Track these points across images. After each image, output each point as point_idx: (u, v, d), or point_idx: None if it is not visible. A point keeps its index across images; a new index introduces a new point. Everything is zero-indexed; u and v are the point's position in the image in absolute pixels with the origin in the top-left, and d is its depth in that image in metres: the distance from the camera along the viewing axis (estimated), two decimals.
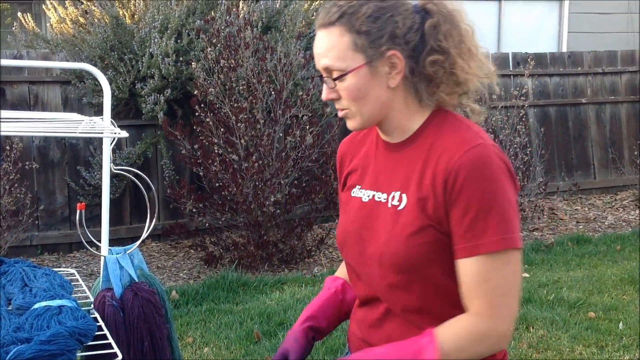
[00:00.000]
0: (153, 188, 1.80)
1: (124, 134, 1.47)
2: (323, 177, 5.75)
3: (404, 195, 1.49)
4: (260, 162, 5.36)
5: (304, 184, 5.75)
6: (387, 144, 1.57)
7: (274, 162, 5.45)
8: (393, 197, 1.51)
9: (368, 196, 1.57)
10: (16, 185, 5.15)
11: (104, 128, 1.49)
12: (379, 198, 1.55)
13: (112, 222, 1.63)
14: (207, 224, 5.74)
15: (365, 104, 1.49)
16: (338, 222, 1.69)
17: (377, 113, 1.51)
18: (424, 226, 1.45)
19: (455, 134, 1.47)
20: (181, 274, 5.46)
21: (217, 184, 5.48)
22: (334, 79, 1.48)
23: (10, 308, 1.61)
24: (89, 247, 1.73)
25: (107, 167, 1.62)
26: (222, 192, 5.46)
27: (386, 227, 1.51)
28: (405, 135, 1.53)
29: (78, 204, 1.64)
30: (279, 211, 5.49)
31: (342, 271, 1.80)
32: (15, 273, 1.78)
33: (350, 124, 1.54)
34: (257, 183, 5.37)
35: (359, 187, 1.62)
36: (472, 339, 1.44)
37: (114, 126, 1.56)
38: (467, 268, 1.43)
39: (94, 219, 5.59)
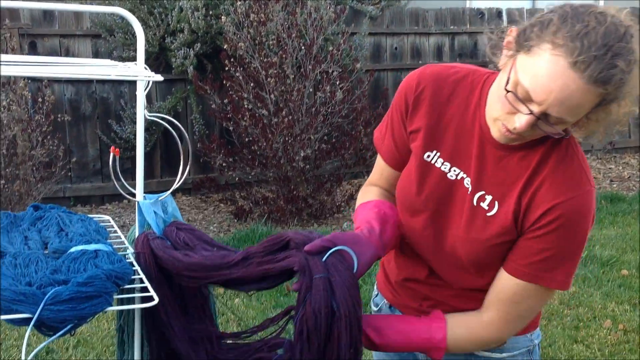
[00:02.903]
0: (186, 136, 1.78)
1: (158, 77, 1.46)
2: (353, 133, 5.71)
3: (496, 203, 1.44)
4: (290, 117, 5.34)
5: (333, 140, 5.72)
6: (491, 136, 1.44)
7: (303, 117, 5.42)
8: (483, 198, 1.45)
9: (455, 174, 1.49)
10: (49, 137, 5.19)
11: (138, 72, 1.48)
12: (467, 184, 1.47)
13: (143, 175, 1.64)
14: (236, 178, 5.75)
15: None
16: (401, 175, 1.58)
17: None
18: (510, 240, 1.44)
19: (568, 167, 1.39)
20: (211, 227, 5.50)
21: (246, 139, 5.48)
22: (565, 133, 1.32)
23: (46, 252, 1.63)
24: (124, 193, 1.73)
25: (141, 112, 1.60)
26: (252, 147, 5.46)
27: (468, 223, 1.47)
28: (516, 141, 1.41)
29: (112, 148, 1.63)
30: (308, 166, 5.48)
31: (370, 196, 1.65)
32: (51, 218, 1.79)
33: (504, 140, 1.39)
34: (286, 138, 5.35)
35: (438, 154, 1.50)
36: (475, 343, 1.50)
37: (148, 71, 1.54)
38: (510, 284, 1.44)
39: (125, 172, 5.62)
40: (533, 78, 1.26)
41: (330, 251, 1.34)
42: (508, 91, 1.30)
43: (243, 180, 5.76)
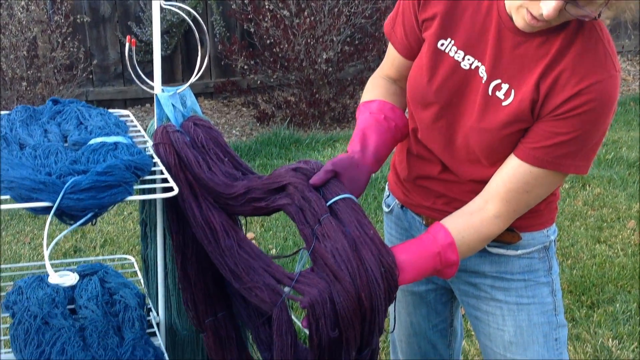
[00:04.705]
0: (204, 27, 1.74)
1: None
2: (376, 35, 5.58)
3: (512, 92, 1.38)
4: (312, 18, 5.21)
5: (356, 42, 5.60)
6: (508, 21, 1.37)
7: (325, 18, 5.29)
8: (499, 87, 1.39)
9: (469, 63, 1.43)
10: (69, 39, 5.14)
11: None
12: (482, 73, 1.41)
13: (164, 79, 1.61)
14: (258, 82, 5.69)
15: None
16: (412, 66, 1.52)
17: None
18: (525, 127, 1.39)
19: (592, 51, 1.33)
20: (234, 131, 5.50)
21: (268, 41, 5.39)
22: (598, 15, 1.26)
23: (66, 144, 1.62)
24: (141, 84, 1.70)
25: None
26: (274, 49, 5.38)
27: (482, 112, 1.41)
28: (542, 28, 1.34)
29: (128, 38, 1.59)
30: (331, 69, 5.40)
31: (376, 92, 1.61)
32: (70, 112, 1.78)
33: (529, 28, 1.32)
34: (308, 40, 5.25)
35: (452, 42, 1.44)
36: (484, 242, 1.45)
37: None
38: (522, 172, 1.38)
39: (146, 76, 5.59)
40: None
41: (333, 200, 1.36)
42: None
43: (265, 84, 5.70)
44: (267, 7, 5.26)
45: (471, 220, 1.42)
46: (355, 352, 1.32)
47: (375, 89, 1.61)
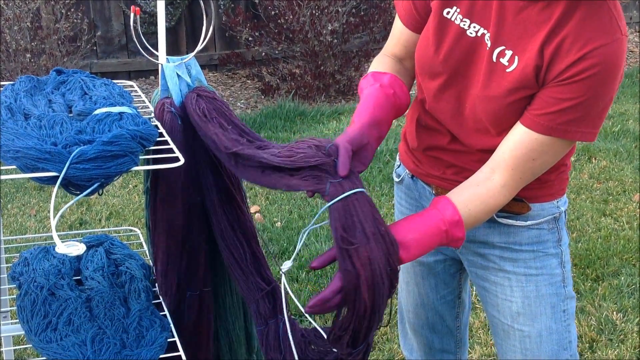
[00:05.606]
0: None
1: None
2: (382, 5, 5.53)
3: (516, 58, 1.36)
4: None
5: (362, 13, 5.55)
6: None
7: None
8: (503, 54, 1.37)
9: (475, 30, 1.41)
10: (72, 10, 5.10)
11: None
12: (487, 40, 1.39)
13: (168, 51, 1.58)
14: (263, 54, 5.66)
15: None
16: (420, 37, 1.51)
17: None
18: (531, 94, 1.37)
19: (596, 14, 1.31)
20: (239, 104, 5.48)
21: (272, 12, 5.34)
22: None
23: (71, 115, 1.61)
24: (146, 54, 1.69)
25: None
26: (278, 20, 5.33)
27: (486, 80, 1.40)
28: None
29: (133, 7, 1.57)
30: (336, 41, 5.35)
31: (382, 69, 1.56)
32: (74, 82, 1.77)
33: None
34: (313, 11, 5.20)
35: (457, 10, 1.43)
36: (490, 212, 1.42)
37: None
38: (527, 139, 1.36)
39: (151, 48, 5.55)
40: None
41: (351, 192, 1.30)
42: None
43: (270, 56, 5.67)
44: None
45: (478, 192, 1.40)
46: (351, 347, 1.32)
47: (382, 67, 1.58)
